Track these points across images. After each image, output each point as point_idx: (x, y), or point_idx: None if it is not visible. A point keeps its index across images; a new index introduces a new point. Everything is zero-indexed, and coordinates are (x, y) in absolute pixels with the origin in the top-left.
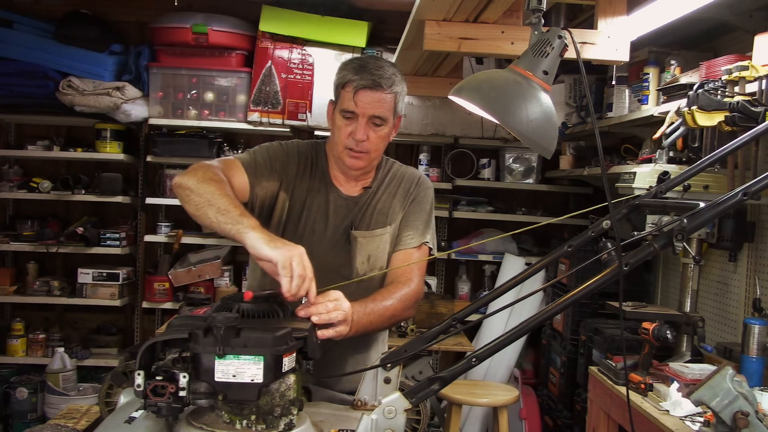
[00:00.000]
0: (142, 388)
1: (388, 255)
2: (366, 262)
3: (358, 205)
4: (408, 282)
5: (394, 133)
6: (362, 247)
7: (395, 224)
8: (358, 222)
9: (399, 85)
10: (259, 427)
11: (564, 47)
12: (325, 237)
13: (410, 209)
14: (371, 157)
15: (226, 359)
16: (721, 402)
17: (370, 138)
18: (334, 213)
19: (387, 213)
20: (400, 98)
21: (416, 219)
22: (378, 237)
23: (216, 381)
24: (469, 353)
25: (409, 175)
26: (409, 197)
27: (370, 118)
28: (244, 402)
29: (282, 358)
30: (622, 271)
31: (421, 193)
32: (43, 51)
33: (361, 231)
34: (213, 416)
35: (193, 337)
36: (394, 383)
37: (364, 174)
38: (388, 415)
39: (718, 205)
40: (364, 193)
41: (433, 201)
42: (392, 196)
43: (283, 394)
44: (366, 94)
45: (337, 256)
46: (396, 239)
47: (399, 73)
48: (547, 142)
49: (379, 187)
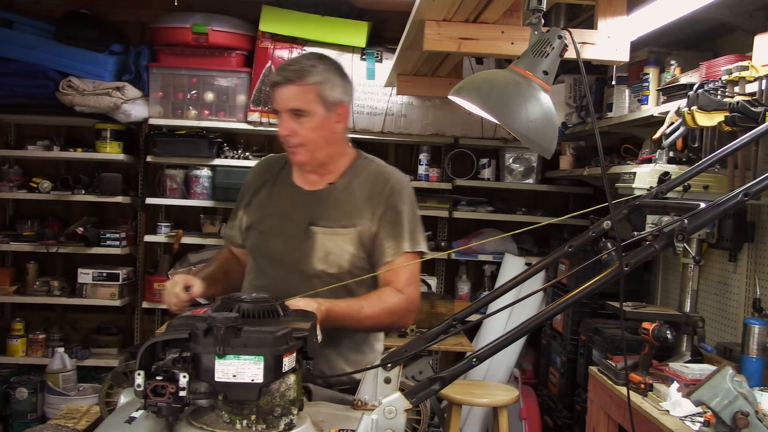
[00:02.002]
0: (142, 388)
1: (352, 256)
2: (324, 259)
3: (320, 199)
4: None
5: (340, 123)
6: (322, 242)
7: (362, 228)
8: (318, 217)
9: (320, 74)
10: (259, 427)
11: (564, 47)
12: (283, 233)
13: (385, 217)
14: (310, 149)
15: (226, 359)
16: (721, 402)
17: (298, 131)
18: (293, 209)
19: (352, 213)
20: (325, 87)
21: (395, 226)
22: (340, 236)
23: (216, 381)
24: (469, 353)
25: (381, 178)
26: (381, 203)
27: (290, 112)
28: (245, 402)
29: (282, 358)
30: (622, 271)
31: (394, 197)
32: (43, 51)
33: (321, 227)
34: (213, 416)
35: (193, 337)
36: (395, 383)
37: (321, 167)
38: (388, 415)
39: (719, 205)
40: (327, 188)
41: (413, 200)
42: (360, 196)
43: (283, 394)
44: (281, 89)
45: (295, 251)
46: (377, 250)
47: (324, 63)
48: (547, 142)
49: (347, 184)
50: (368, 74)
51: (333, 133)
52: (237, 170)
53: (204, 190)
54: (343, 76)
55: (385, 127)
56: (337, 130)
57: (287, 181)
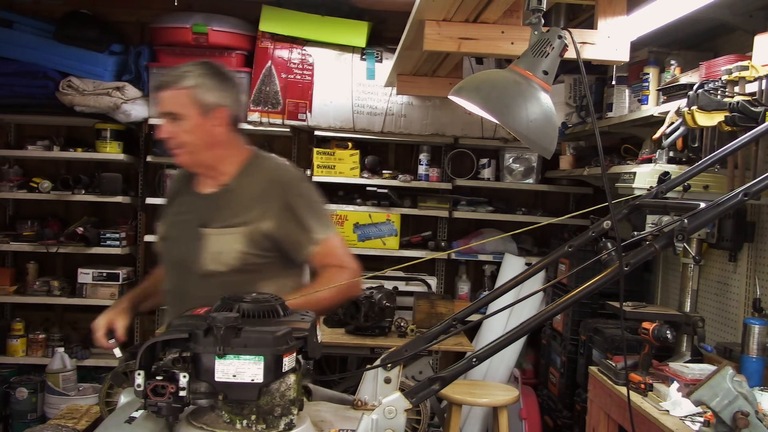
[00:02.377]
0: (142, 388)
1: (242, 254)
2: (214, 259)
3: (213, 202)
4: (340, 271)
5: (220, 126)
6: (212, 243)
7: (254, 226)
8: (210, 219)
9: (194, 79)
10: (259, 426)
11: (564, 47)
12: (180, 238)
13: (286, 214)
14: (189, 151)
15: (227, 359)
16: (721, 402)
17: (175, 134)
18: (191, 214)
19: (242, 212)
20: (200, 91)
21: (301, 220)
22: (230, 235)
23: (216, 381)
24: (469, 353)
25: (275, 175)
26: (276, 200)
27: (167, 115)
28: (245, 402)
29: (282, 358)
30: (622, 271)
31: (291, 192)
32: (43, 51)
33: (212, 228)
34: (213, 416)
35: (194, 337)
36: (395, 383)
37: (211, 170)
38: (388, 415)
39: (719, 205)
40: (220, 190)
41: (311, 190)
42: (253, 195)
43: (283, 394)
44: (159, 96)
45: (189, 253)
46: (292, 246)
47: (201, 68)
48: (547, 142)
49: (239, 184)
50: (368, 74)
51: (212, 136)
52: None
53: None
54: (222, 80)
55: (385, 127)
56: (217, 132)
57: (190, 189)
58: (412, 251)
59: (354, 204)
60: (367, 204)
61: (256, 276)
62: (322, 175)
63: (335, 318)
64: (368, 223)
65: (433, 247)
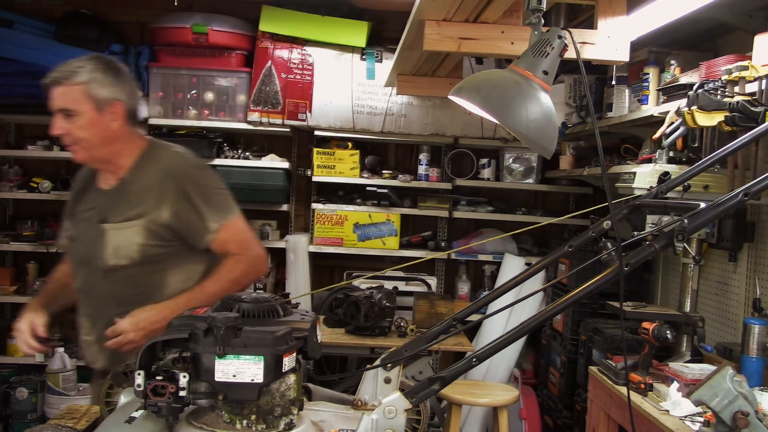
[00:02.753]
0: (142, 388)
1: (141, 247)
2: (115, 253)
3: (111, 197)
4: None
5: (116, 121)
6: (111, 238)
7: (151, 217)
8: (109, 214)
9: (86, 74)
10: (259, 426)
11: (564, 47)
12: (84, 234)
13: (183, 202)
14: (85, 147)
15: (226, 359)
16: (721, 402)
17: (70, 130)
18: (93, 211)
19: (138, 204)
20: (93, 86)
21: (198, 208)
22: (128, 229)
23: (216, 381)
24: (469, 353)
25: (170, 164)
26: (172, 189)
27: (60, 112)
28: (245, 402)
29: (282, 358)
30: (622, 271)
31: (187, 180)
32: (43, 51)
33: (111, 223)
34: (213, 416)
35: (193, 337)
36: (395, 383)
37: (109, 164)
38: (388, 415)
39: (719, 205)
40: (118, 184)
41: (208, 176)
42: (148, 186)
43: (283, 393)
44: (52, 92)
45: (91, 250)
46: (192, 234)
47: (93, 63)
48: (547, 142)
49: (135, 176)
50: (368, 74)
51: (108, 130)
52: (237, 170)
53: None
54: (116, 75)
55: (385, 127)
56: (113, 127)
57: (93, 185)
58: (412, 251)
59: (354, 204)
60: (367, 204)
61: (161, 266)
62: (322, 175)
63: (335, 318)
64: (368, 223)
65: (433, 247)
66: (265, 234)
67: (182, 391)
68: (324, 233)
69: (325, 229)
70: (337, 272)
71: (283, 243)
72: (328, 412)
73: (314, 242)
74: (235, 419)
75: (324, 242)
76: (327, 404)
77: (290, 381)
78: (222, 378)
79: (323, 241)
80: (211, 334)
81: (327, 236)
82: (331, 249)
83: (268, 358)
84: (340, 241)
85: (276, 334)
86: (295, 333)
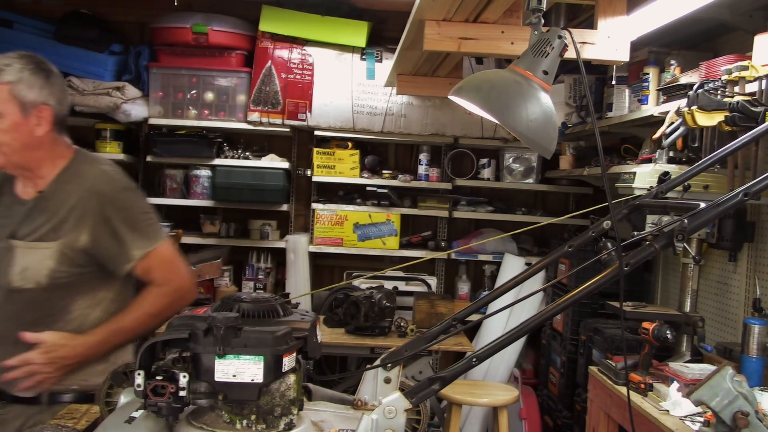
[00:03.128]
0: (142, 388)
1: (51, 271)
2: (21, 274)
3: (27, 209)
4: (158, 290)
5: (41, 126)
6: (20, 257)
7: (67, 240)
8: (20, 229)
9: (14, 73)
10: (259, 426)
11: (564, 47)
12: None
13: (104, 228)
14: (4, 153)
15: (226, 359)
16: (721, 402)
17: None
18: (6, 220)
19: (57, 225)
20: (20, 87)
21: (120, 234)
22: (40, 250)
23: (216, 381)
24: (469, 353)
25: (93, 183)
26: (93, 212)
27: None
28: (245, 402)
29: (282, 358)
30: (622, 271)
31: (110, 205)
32: (43, 51)
33: (21, 240)
34: (213, 416)
35: (193, 337)
36: (394, 383)
37: (29, 172)
38: (388, 415)
39: (719, 205)
40: (36, 197)
41: (133, 198)
42: (69, 205)
43: (283, 393)
44: None
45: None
46: (112, 261)
47: (21, 62)
48: (547, 142)
49: (56, 191)
50: (368, 74)
51: (31, 136)
52: (237, 170)
53: (204, 190)
54: (47, 77)
55: (385, 127)
56: (38, 133)
57: (11, 189)
58: (412, 251)
59: (354, 204)
60: (367, 204)
61: (70, 292)
62: (322, 175)
63: (335, 318)
64: (368, 223)
65: (433, 247)
66: (265, 234)
67: (182, 391)
68: (324, 233)
69: (325, 229)
70: (337, 272)
71: (283, 243)
72: (328, 412)
73: (314, 242)
74: (235, 419)
75: (324, 242)
76: (327, 404)
77: (290, 381)
78: (222, 378)
79: (323, 241)
80: (211, 334)
81: (327, 236)
82: (331, 249)
83: (268, 358)
84: (340, 241)
85: (276, 334)
86: (295, 333)
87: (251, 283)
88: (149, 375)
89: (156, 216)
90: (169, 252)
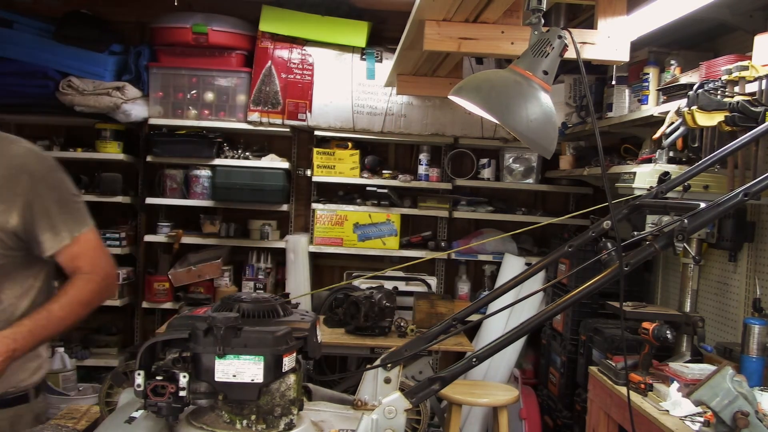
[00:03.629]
0: (142, 388)
1: None
2: None
3: None
4: (85, 279)
5: None
6: None
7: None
8: None
9: None
10: (259, 426)
11: (564, 47)
12: None
13: (31, 210)
14: None
15: (227, 359)
16: (721, 402)
17: None
18: None
19: None
20: None
21: (47, 218)
22: None
23: (216, 381)
24: (469, 353)
25: (17, 164)
26: (19, 194)
27: None
28: (245, 402)
29: (282, 358)
30: (622, 271)
31: (37, 186)
32: (43, 51)
33: None
34: (213, 416)
35: (194, 337)
36: (394, 383)
37: None
38: (388, 415)
39: (719, 205)
40: None
41: (60, 180)
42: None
43: (283, 393)
44: None
45: None
46: (37, 246)
47: None
48: (547, 142)
49: None
50: (368, 74)
51: None
52: (237, 170)
53: (204, 190)
54: None
55: (385, 127)
56: None
57: None
58: (412, 251)
59: (354, 204)
60: (367, 204)
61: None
62: (322, 175)
63: (335, 318)
64: (368, 223)
65: (433, 247)
66: (265, 234)
67: (182, 391)
68: (324, 233)
69: (325, 229)
70: (337, 272)
71: (283, 243)
72: (328, 412)
73: (314, 242)
74: (235, 419)
75: (324, 242)
76: (327, 404)
77: (290, 381)
78: (222, 378)
79: (323, 241)
80: (211, 334)
81: (327, 236)
82: (331, 249)
83: (268, 358)
84: (340, 241)
85: (276, 334)
86: (295, 333)
87: (251, 283)
88: (149, 375)
89: (83, 200)
90: (95, 238)
